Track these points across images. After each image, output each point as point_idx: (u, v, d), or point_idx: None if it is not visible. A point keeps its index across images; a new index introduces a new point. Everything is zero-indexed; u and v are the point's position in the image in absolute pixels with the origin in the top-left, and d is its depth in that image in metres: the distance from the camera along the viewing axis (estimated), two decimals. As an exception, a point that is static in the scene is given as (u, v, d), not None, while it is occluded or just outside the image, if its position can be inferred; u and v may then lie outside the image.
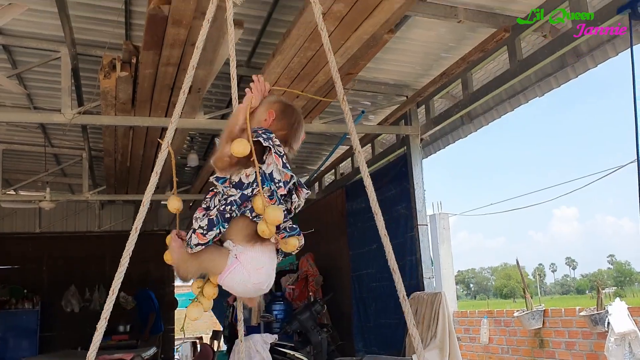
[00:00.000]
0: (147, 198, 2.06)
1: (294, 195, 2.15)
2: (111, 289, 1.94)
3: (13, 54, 6.05)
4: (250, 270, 2.03)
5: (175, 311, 13.10)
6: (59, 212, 12.12)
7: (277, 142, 2.02)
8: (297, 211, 2.19)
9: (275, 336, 7.19)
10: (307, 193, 2.18)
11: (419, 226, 6.39)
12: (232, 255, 2.03)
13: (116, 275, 1.95)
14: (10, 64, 6.15)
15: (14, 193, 10.21)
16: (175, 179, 2.30)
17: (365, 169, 2.12)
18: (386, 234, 2.02)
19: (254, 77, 2.25)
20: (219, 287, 2.18)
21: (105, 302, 1.95)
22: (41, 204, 8.80)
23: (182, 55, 4.49)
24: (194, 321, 2.37)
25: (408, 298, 1.98)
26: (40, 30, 5.54)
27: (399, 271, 1.97)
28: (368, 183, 2.09)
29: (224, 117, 6.41)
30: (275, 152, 1.98)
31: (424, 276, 6.36)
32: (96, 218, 12.77)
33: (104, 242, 12.40)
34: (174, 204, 2.24)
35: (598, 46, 4.95)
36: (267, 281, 2.09)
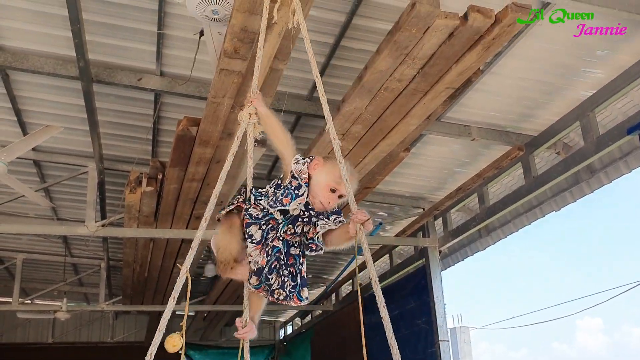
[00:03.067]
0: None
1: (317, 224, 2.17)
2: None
3: (42, 168, 6.30)
4: None
5: None
6: (72, 322, 12.01)
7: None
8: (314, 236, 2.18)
9: None
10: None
11: (440, 342, 6.21)
12: None
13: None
14: (39, 177, 6.37)
15: (30, 302, 10.18)
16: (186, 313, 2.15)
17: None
18: None
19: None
20: None
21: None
22: (57, 315, 8.74)
23: (207, 171, 4.64)
24: None
25: None
26: (70, 147, 5.78)
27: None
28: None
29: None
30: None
31: (446, 396, 6.08)
32: (109, 328, 12.57)
33: (116, 354, 12.15)
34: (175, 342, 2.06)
35: (611, 163, 5.03)
36: None
